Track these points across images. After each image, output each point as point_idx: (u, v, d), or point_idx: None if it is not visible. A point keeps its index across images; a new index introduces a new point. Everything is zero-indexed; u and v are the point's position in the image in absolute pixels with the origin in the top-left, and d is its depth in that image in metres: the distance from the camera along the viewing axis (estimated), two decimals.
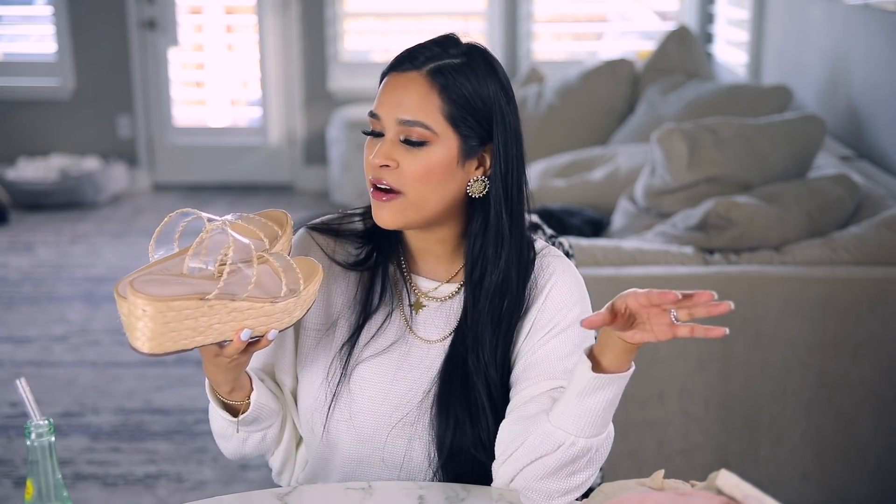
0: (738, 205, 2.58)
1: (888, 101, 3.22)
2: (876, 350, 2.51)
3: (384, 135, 1.34)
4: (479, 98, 1.34)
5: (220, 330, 1.20)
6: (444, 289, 1.44)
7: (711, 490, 1.13)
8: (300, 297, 1.26)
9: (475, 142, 1.35)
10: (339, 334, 1.44)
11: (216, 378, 1.34)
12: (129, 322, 1.16)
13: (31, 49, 6.33)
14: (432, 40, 1.37)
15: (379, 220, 1.35)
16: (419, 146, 1.32)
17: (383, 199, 1.34)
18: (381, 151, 1.33)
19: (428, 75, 1.33)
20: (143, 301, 1.14)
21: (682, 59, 4.56)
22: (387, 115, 1.34)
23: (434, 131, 1.32)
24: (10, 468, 3.03)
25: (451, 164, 1.34)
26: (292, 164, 6.24)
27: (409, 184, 1.32)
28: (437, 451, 1.39)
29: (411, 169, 1.32)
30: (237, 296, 1.20)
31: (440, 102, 1.32)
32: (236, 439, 1.44)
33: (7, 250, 5.12)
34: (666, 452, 2.57)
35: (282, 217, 1.39)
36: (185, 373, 3.65)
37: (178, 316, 1.16)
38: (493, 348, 1.38)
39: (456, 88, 1.33)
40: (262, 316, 1.23)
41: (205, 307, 1.17)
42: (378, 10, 6.08)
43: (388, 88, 1.35)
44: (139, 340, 1.16)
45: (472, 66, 1.34)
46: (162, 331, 1.15)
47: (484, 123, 1.35)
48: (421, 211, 1.34)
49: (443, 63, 1.34)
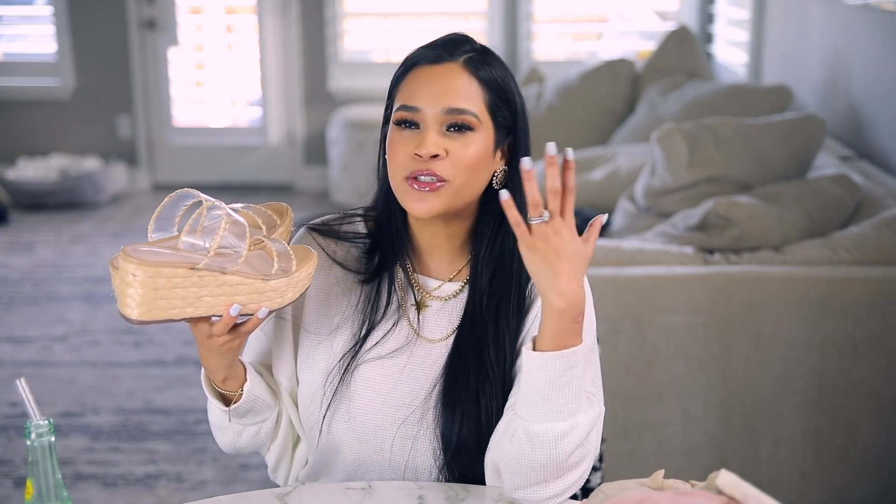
0: (738, 205, 2.59)
1: (888, 101, 3.22)
2: (876, 350, 2.51)
3: (419, 127, 1.34)
4: (507, 87, 1.37)
5: (211, 303, 1.21)
6: (447, 287, 1.44)
7: (711, 490, 1.13)
8: (292, 277, 1.26)
9: (504, 132, 1.37)
10: (340, 341, 1.43)
11: (210, 364, 1.34)
12: (120, 289, 1.17)
13: (31, 49, 6.33)
14: (451, 37, 1.38)
15: (419, 209, 1.33)
16: (467, 133, 1.33)
17: (426, 190, 1.32)
18: (430, 141, 1.31)
19: (466, 65, 1.35)
20: (134, 265, 1.15)
21: (682, 59, 4.56)
22: (430, 106, 1.33)
23: (479, 119, 1.34)
24: (10, 468, 3.03)
25: (488, 153, 1.35)
26: (292, 164, 6.24)
27: (458, 171, 1.32)
28: (443, 448, 1.39)
29: (462, 156, 1.32)
30: (227, 269, 1.20)
31: (480, 90, 1.34)
32: (231, 432, 1.44)
33: (7, 250, 5.12)
34: (666, 452, 2.57)
35: (282, 208, 1.41)
36: (185, 373, 3.65)
37: (168, 283, 1.16)
38: (499, 342, 1.38)
39: (491, 78, 1.35)
40: (254, 293, 1.23)
41: (194, 277, 1.18)
42: (378, 10, 6.08)
43: (424, 80, 1.34)
44: (129, 307, 1.17)
45: (494, 60, 1.38)
46: (151, 297, 1.16)
47: (512, 113, 1.37)
48: (460, 199, 1.34)
49: (473, 55, 1.36)
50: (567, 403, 1.23)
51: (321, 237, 1.47)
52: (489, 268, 1.39)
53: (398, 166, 1.34)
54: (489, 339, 1.38)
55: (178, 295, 1.18)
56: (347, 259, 1.46)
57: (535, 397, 1.23)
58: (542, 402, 1.23)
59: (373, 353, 1.42)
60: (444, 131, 1.33)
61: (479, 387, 1.37)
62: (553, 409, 1.23)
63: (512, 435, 1.26)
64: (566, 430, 1.23)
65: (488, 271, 1.39)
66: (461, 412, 1.37)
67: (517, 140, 1.39)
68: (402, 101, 1.35)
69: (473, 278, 1.41)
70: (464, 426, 1.37)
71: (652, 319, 2.49)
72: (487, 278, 1.39)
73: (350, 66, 6.06)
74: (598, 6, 6.12)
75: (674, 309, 2.49)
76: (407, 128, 1.34)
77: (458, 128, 1.33)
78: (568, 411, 1.23)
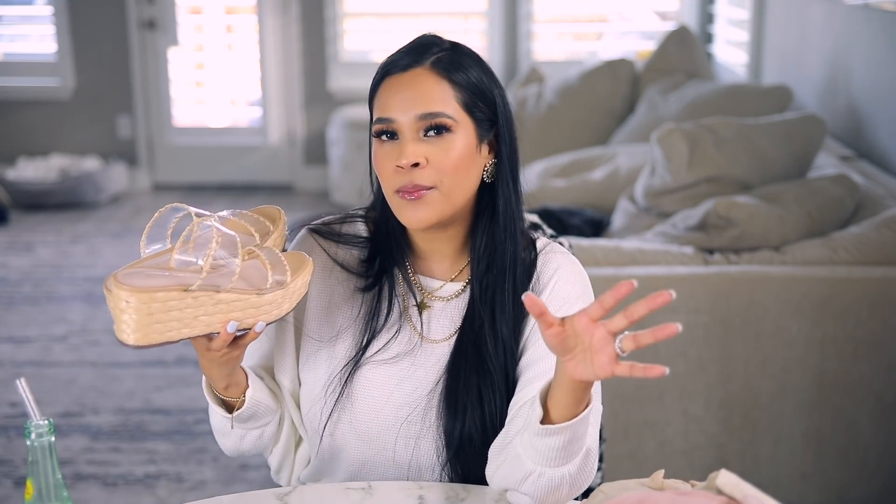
0: (738, 205, 2.58)
1: (888, 101, 3.22)
2: (876, 350, 2.51)
3: (397, 137, 1.34)
4: (480, 83, 1.36)
5: (207, 322, 1.20)
6: (449, 288, 1.44)
7: (711, 490, 1.13)
8: (287, 289, 1.25)
9: (486, 125, 1.37)
10: (342, 346, 1.43)
11: (210, 373, 1.34)
12: (115, 314, 1.16)
13: (31, 49, 6.33)
14: (418, 40, 1.39)
15: (413, 220, 1.34)
16: (443, 135, 1.32)
17: (414, 198, 1.32)
18: (409, 151, 1.31)
19: (432, 67, 1.34)
20: (126, 293, 1.13)
21: (682, 59, 4.56)
22: (403, 115, 1.33)
23: (455, 119, 1.33)
24: (10, 468, 3.03)
25: (472, 150, 1.35)
26: (292, 164, 6.24)
27: (442, 175, 1.32)
28: (446, 445, 1.39)
29: (443, 160, 1.32)
30: (221, 287, 1.19)
31: (452, 90, 1.34)
32: (234, 436, 1.44)
33: (7, 250, 5.12)
34: (666, 452, 2.57)
35: (274, 213, 1.39)
36: (185, 373, 3.65)
37: (163, 307, 1.15)
38: (497, 335, 1.38)
39: (460, 76, 1.35)
40: (250, 308, 1.22)
41: (189, 298, 1.17)
42: (378, 10, 6.08)
43: (393, 90, 1.35)
44: (125, 333, 1.16)
45: (464, 56, 1.37)
46: (146, 322, 1.15)
47: (489, 106, 1.37)
48: (452, 203, 1.34)
49: (440, 55, 1.36)
50: (578, 448, 1.25)
51: (322, 239, 1.47)
52: (484, 260, 1.40)
53: (386, 180, 1.35)
54: (486, 333, 1.38)
55: (173, 317, 1.17)
56: (349, 261, 1.46)
57: (551, 454, 1.23)
58: (551, 459, 1.24)
59: (376, 358, 1.42)
60: (422, 137, 1.33)
61: (481, 380, 1.37)
62: (566, 456, 1.24)
63: (526, 475, 1.26)
64: (577, 462, 1.26)
65: (483, 264, 1.40)
66: (463, 408, 1.37)
67: (500, 130, 1.38)
68: (378, 114, 1.35)
69: (473, 273, 1.41)
70: (466, 422, 1.37)
71: (652, 320, 2.48)
72: (483, 271, 1.40)
73: (350, 66, 6.06)
74: (598, 6, 6.12)
75: (674, 309, 2.48)
76: (388, 139, 1.34)
77: (435, 130, 1.32)
78: (577, 448, 1.25)
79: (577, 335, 1.13)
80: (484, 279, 1.39)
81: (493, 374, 1.37)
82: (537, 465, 1.24)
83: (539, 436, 1.22)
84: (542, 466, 1.24)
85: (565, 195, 3.61)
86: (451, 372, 1.39)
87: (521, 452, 1.26)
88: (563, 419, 1.20)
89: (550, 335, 1.13)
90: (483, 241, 1.39)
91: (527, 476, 1.26)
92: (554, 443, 1.22)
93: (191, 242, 1.23)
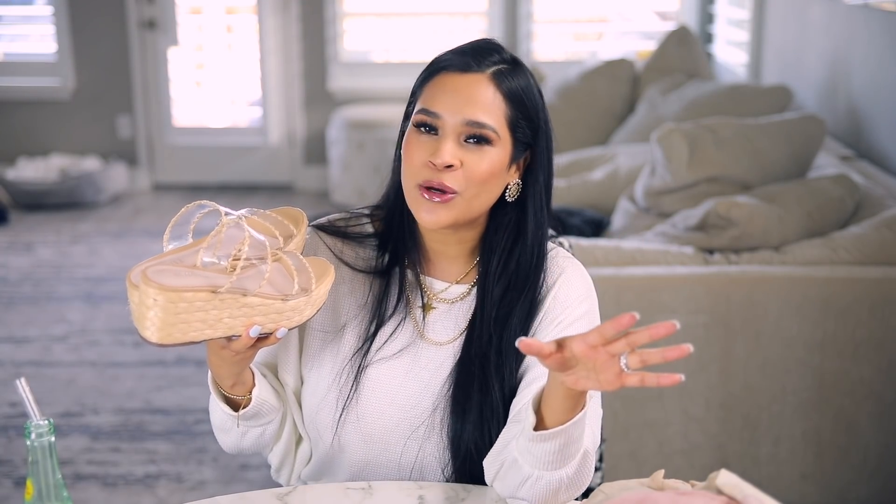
0: (738, 205, 2.58)
1: (888, 101, 3.22)
2: (876, 350, 2.51)
3: (437, 133, 1.33)
4: (531, 104, 1.35)
5: (230, 324, 1.20)
6: (455, 290, 1.44)
7: (711, 490, 1.13)
8: (311, 296, 1.25)
9: (522, 147, 1.36)
10: (348, 339, 1.43)
11: (220, 371, 1.34)
12: (140, 311, 1.15)
13: (31, 49, 6.33)
14: (481, 44, 1.37)
15: (428, 220, 1.33)
16: (483, 146, 1.32)
17: (436, 200, 1.32)
18: (446, 151, 1.31)
19: (493, 78, 1.33)
20: (155, 290, 1.13)
21: (682, 59, 4.56)
22: (450, 115, 1.32)
23: (498, 133, 1.32)
24: (10, 468, 3.03)
25: (503, 166, 1.34)
26: (292, 164, 6.24)
27: (469, 183, 1.32)
28: (453, 453, 1.39)
29: (475, 169, 1.31)
30: (249, 291, 1.19)
31: (503, 105, 1.33)
32: (235, 433, 1.44)
33: (7, 250, 5.12)
34: (666, 452, 2.57)
35: (298, 215, 1.38)
36: (185, 373, 3.65)
37: (189, 307, 1.15)
38: (502, 354, 1.38)
39: (516, 94, 1.34)
40: (273, 313, 1.22)
41: (216, 300, 1.17)
42: (378, 10, 6.08)
43: (449, 87, 1.33)
44: (148, 330, 1.16)
45: (522, 73, 1.36)
46: (172, 321, 1.15)
47: (532, 129, 1.36)
48: (469, 211, 1.34)
49: (502, 68, 1.34)
50: (575, 451, 1.24)
51: (327, 236, 1.47)
52: (503, 282, 1.39)
53: (412, 171, 1.33)
54: (492, 351, 1.38)
55: (198, 318, 1.17)
56: (354, 259, 1.46)
57: (548, 458, 1.23)
58: (548, 463, 1.23)
59: (379, 354, 1.42)
60: (461, 142, 1.32)
61: (490, 389, 1.37)
62: (562, 459, 1.24)
63: (524, 479, 1.26)
64: (574, 465, 1.25)
65: (501, 285, 1.39)
66: (469, 416, 1.37)
67: (535, 156, 1.37)
68: (423, 105, 1.34)
69: (482, 285, 1.40)
70: (473, 430, 1.37)
71: (652, 319, 2.49)
72: (500, 292, 1.39)
73: (350, 66, 6.06)
74: (598, 6, 6.12)
75: (674, 309, 2.49)
76: (426, 132, 1.33)
77: (476, 139, 1.32)
78: (573, 451, 1.25)
79: (576, 358, 1.12)
80: (501, 300, 1.39)
81: (499, 387, 1.37)
82: (534, 468, 1.24)
83: (534, 441, 1.22)
84: (539, 470, 1.24)
85: (565, 195, 3.61)
86: (458, 378, 1.39)
87: (518, 457, 1.26)
88: (558, 423, 1.20)
89: (550, 363, 1.13)
90: (503, 261, 1.39)
91: (524, 480, 1.26)
92: (549, 447, 1.22)
93: (217, 244, 1.22)
